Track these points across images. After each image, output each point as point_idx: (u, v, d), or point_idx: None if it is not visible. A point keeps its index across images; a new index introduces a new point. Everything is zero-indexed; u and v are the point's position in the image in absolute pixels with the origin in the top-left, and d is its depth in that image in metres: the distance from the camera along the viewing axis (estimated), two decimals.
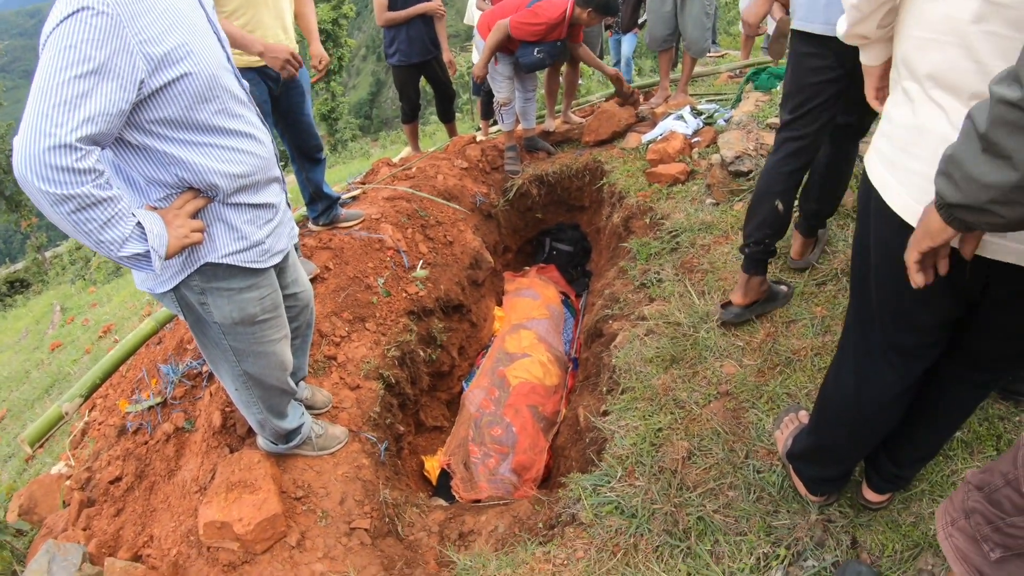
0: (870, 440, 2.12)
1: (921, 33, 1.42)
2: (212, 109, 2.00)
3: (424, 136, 14.76)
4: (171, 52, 1.82)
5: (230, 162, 2.09)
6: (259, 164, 2.21)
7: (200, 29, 1.98)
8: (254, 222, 2.23)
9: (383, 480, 3.28)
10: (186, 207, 2.01)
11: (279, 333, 2.51)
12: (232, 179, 2.10)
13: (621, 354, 3.40)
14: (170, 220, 1.95)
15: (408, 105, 6.77)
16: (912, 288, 1.50)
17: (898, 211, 1.53)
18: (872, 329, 1.85)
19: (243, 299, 2.28)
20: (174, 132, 1.94)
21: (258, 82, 3.63)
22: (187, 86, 1.89)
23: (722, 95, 6.53)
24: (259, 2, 3.50)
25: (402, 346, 4.08)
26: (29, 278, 22.28)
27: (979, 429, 2.46)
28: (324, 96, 28.18)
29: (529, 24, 5.11)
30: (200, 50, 1.92)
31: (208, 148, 2.03)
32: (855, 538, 2.29)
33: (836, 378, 2.08)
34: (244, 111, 2.17)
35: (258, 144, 2.21)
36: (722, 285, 3.53)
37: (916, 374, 1.85)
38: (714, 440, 2.73)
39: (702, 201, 4.44)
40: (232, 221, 2.16)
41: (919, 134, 1.46)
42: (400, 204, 5.06)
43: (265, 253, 2.29)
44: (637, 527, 2.52)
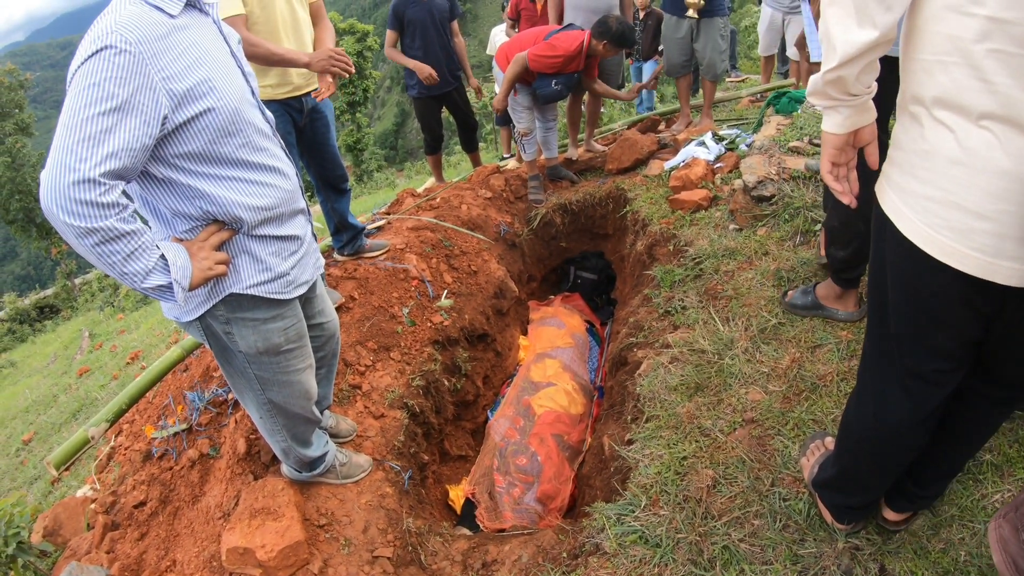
0: (894, 467, 2.08)
1: (926, 56, 1.42)
2: (236, 143, 2.05)
3: (449, 166, 14.89)
4: (194, 88, 1.88)
5: (254, 195, 2.13)
6: (283, 197, 2.24)
7: (223, 64, 2.03)
8: (279, 254, 2.27)
9: (407, 509, 3.27)
10: (211, 239, 2.06)
11: (304, 363, 2.53)
12: (256, 212, 2.14)
13: (645, 382, 3.38)
14: (195, 252, 1.99)
15: (431, 136, 6.84)
16: (929, 313, 1.54)
17: (911, 238, 1.52)
18: (890, 355, 1.83)
19: (268, 329, 2.30)
20: (198, 166, 1.99)
21: (282, 114, 3.68)
22: (210, 121, 1.94)
23: (744, 120, 6.53)
24: (278, 27, 3.55)
25: (427, 375, 4.09)
26: (59, 304, 22.68)
27: (1009, 452, 2.41)
28: (350, 127, 28.56)
29: (547, 57, 5.16)
30: (223, 85, 1.98)
31: (232, 182, 2.07)
32: (883, 566, 2.24)
33: (857, 405, 2.05)
34: (268, 144, 2.21)
35: (282, 177, 2.25)
36: (746, 311, 3.50)
37: (936, 401, 1.82)
38: (739, 468, 2.69)
39: (725, 227, 4.42)
40: (257, 253, 2.20)
41: (927, 158, 1.46)
42: (425, 234, 5.10)
43: (290, 284, 2.32)
44: (662, 556, 2.49)
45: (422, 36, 6.04)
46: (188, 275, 1.93)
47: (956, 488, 2.35)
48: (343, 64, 3.43)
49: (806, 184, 4.25)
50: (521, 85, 5.51)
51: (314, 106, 3.88)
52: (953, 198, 1.40)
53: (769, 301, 3.53)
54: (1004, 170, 1.31)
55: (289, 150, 3.74)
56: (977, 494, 2.33)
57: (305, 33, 3.75)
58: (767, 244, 4.01)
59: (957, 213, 1.40)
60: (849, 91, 1.55)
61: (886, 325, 1.80)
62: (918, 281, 1.56)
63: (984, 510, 2.27)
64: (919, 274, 1.53)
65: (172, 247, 1.92)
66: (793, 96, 5.65)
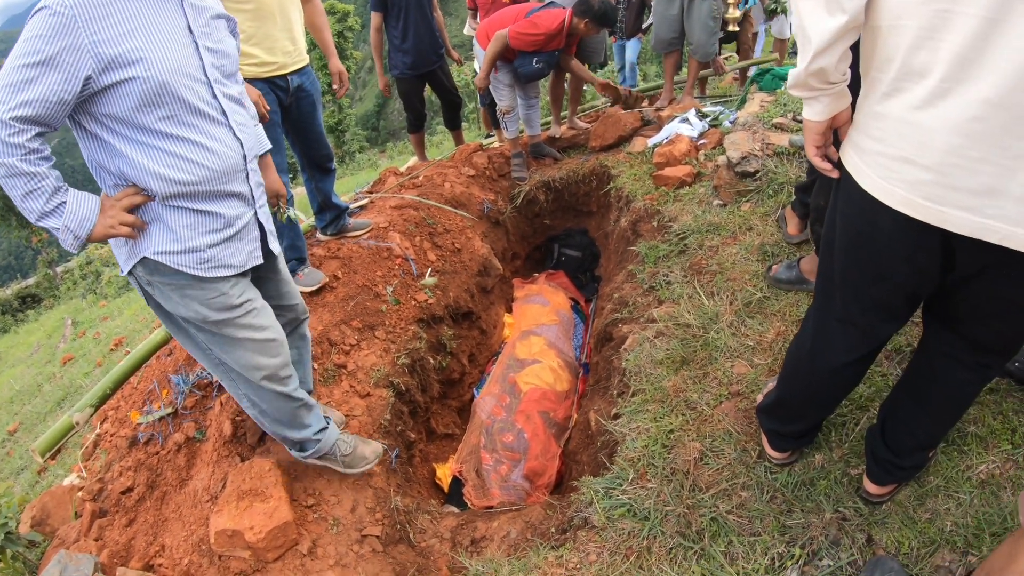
0: (824, 401, 2.27)
1: (880, 23, 1.50)
2: (158, 115, 2.09)
3: (431, 146, 14.81)
4: (122, 55, 1.97)
5: (170, 167, 2.15)
6: (207, 175, 2.23)
7: (166, 37, 2.08)
8: (194, 228, 2.26)
9: (394, 487, 3.27)
10: (123, 200, 2.12)
11: (246, 333, 2.48)
12: (169, 183, 2.15)
13: (631, 357, 3.38)
14: (105, 208, 2.09)
15: (413, 115, 6.79)
16: (871, 264, 1.72)
17: (868, 189, 1.63)
18: (833, 297, 1.96)
19: (188, 296, 2.32)
20: (120, 127, 2.07)
21: (267, 92, 3.64)
22: (133, 89, 2.01)
23: (727, 97, 6.52)
24: (267, 15, 3.51)
25: (412, 354, 4.08)
26: (40, 293, 22.42)
27: (993, 423, 2.43)
28: (331, 108, 28.28)
29: (528, 34, 5.12)
30: (156, 57, 2.03)
31: (149, 149, 2.11)
32: (870, 536, 2.26)
33: (798, 340, 2.21)
34: (200, 122, 2.21)
35: (210, 155, 2.23)
36: (731, 286, 3.51)
37: (867, 349, 1.99)
38: (726, 440, 2.71)
39: (709, 203, 4.42)
40: (169, 222, 2.22)
41: (880, 118, 1.57)
42: (408, 212, 5.07)
43: (206, 262, 2.30)
44: (650, 529, 2.50)
45: (406, 16, 5.97)
46: (88, 227, 2.05)
47: (941, 459, 2.37)
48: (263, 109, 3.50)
49: (790, 160, 4.25)
50: (502, 63, 5.46)
51: (300, 84, 3.84)
52: (904, 154, 1.51)
53: (754, 275, 3.54)
54: (950, 127, 1.39)
55: (273, 129, 3.73)
56: (962, 465, 2.35)
57: (292, 10, 3.71)
58: (751, 219, 4.02)
59: (909, 167, 1.50)
60: (829, 80, 1.62)
61: (831, 273, 1.93)
62: (866, 229, 1.70)
63: (969, 481, 2.29)
64: (869, 226, 1.67)
65: (84, 199, 2.05)
66: (776, 73, 5.65)
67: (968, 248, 1.54)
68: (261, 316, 2.52)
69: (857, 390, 2.71)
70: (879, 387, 2.69)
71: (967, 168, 1.41)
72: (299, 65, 3.80)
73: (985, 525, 2.16)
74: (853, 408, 2.65)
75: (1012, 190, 1.38)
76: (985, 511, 2.19)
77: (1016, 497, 2.19)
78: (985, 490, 2.25)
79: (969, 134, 1.38)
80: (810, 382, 2.18)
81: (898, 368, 2.75)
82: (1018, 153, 1.34)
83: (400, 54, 6.16)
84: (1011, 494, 2.21)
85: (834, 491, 2.41)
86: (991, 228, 1.44)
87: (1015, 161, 1.35)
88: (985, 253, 1.52)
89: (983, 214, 1.44)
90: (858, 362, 2.03)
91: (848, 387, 2.21)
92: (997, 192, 1.40)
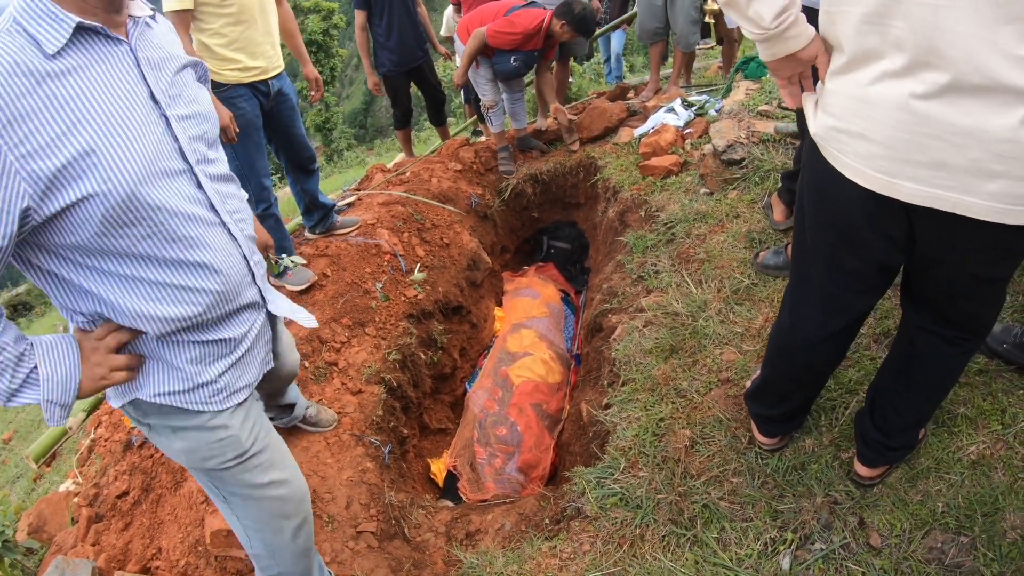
0: (807, 379, 2.28)
1: (830, 7, 1.56)
2: (134, 235, 1.49)
3: (419, 142, 14.77)
4: (67, 167, 1.35)
5: (163, 302, 1.60)
6: (212, 300, 1.68)
7: (122, 120, 1.45)
8: (202, 360, 1.73)
9: (388, 483, 3.27)
10: (108, 340, 1.59)
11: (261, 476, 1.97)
12: (164, 323, 1.61)
13: (620, 346, 3.39)
14: (87, 353, 1.57)
15: (400, 111, 6.78)
16: (838, 231, 1.78)
17: (826, 156, 1.70)
18: (807, 271, 2.00)
19: (192, 438, 1.80)
20: (85, 258, 1.49)
21: (250, 97, 3.65)
22: (91, 211, 1.40)
23: (713, 86, 6.53)
24: (249, 19, 3.52)
25: (403, 349, 4.08)
26: (32, 301, 22.29)
27: (983, 404, 2.45)
28: (318, 107, 28.17)
29: (505, 33, 5.11)
30: (114, 157, 1.41)
31: (130, 283, 1.55)
32: (862, 519, 2.28)
33: (778, 318, 2.24)
34: (190, 230, 1.60)
35: (211, 275, 1.66)
36: (719, 273, 3.52)
37: (845, 322, 2.01)
38: (716, 427, 2.72)
39: (696, 191, 4.43)
40: (169, 359, 1.69)
41: (835, 95, 1.62)
42: (395, 209, 5.07)
43: (219, 393, 1.79)
44: (643, 518, 2.51)
45: (390, 12, 5.95)
46: (73, 387, 1.52)
47: (931, 441, 2.39)
48: (230, 135, 3.49)
49: (775, 147, 4.26)
50: (482, 57, 5.45)
51: (280, 88, 3.85)
52: (856, 129, 1.56)
53: (741, 263, 3.55)
54: (896, 103, 1.46)
55: (256, 134, 3.73)
56: (952, 446, 2.36)
57: (271, 15, 3.73)
58: (738, 207, 4.03)
59: (861, 142, 1.56)
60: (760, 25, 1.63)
61: (804, 247, 1.97)
62: (831, 200, 1.76)
63: (960, 462, 2.31)
64: (832, 194, 1.73)
65: (59, 356, 1.52)
66: (761, 61, 5.65)
67: (924, 219, 1.61)
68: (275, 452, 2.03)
69: (846, 374, 2.73)
70: (868, 371, 2.70)
71: (917, 144, 1.46)
72: (279, 70, 3.84)
73: (977, 505, 2.17)
74: (842, 392, 2.66)
75: (960, 164, 1.43)
76: (976, 491, 2.21)
77: (1008, 477, 2.21)
78: (976, 470, 2.27)
79: (918, 112, 1.43)
80: (792, 360, 2.20)
81: (886, 351, 2.76)
82: (966, 130, 1.39)
83: (386, 52, 6.15)
84: (1002, 474, 2.23)
85: (825, 475, 2.42)
86: (942, 197, 1.49)
87: (964, 138, 1.40)
88: (943, 227, 1.58)
89: (933, 184, 1.49)
90: (837, 336, 2.04)
91: (830, 363, 2.22)
92: (947, 166, 1.45)
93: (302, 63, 4.37)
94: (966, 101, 1.37)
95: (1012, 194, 1.42)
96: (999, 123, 1.35)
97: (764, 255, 3.45)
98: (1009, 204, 1.44)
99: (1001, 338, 2.54)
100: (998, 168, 1.40)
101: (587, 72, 12.69)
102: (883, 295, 1.98)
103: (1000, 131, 1.35)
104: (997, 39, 1.28)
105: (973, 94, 1.35)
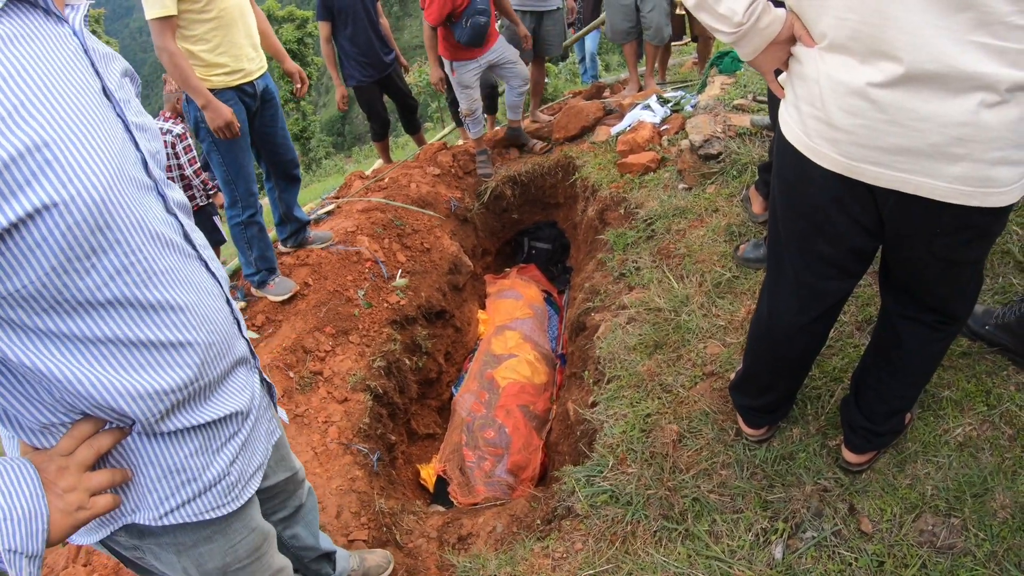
0: (788, 368, 2.28)
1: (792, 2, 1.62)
2: (108, 267, 1.05)
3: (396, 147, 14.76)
4: (11, 165, 0.90)
5: (150, 367, 1.15)
6: (204, 358, 1.25)
7: (81, 110, 1.02)
8: (206, 450, 1.31)
9: (378, 490, 3.26)
10: (79, 454, 1.11)
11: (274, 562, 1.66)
12: (156, 400, 1.16)
13: (604, 344, 3.39)
14: (52, 478, 1.08)
15: (378, 123, 6.76)
16: (808, 217, 1.81)
17: (793, 143, 1.72)
18: (782, 260, 2.02)
19: (199, 553, 1.41)
20: (35, 316, 1.00)
21: (236, 102, 3.64)
22: (46, 233, 0.94)
23: (688, 82, 6.55)
24: (230, 23, 3.53)
25: (387, 356, 4.06)
26: None
27: (968, 386, 2.46)
28: (295, 116, 28.11)
29: (430, 4, 5.04)
30: (75, 155, 0.97)
31: (103, 347, 1.09)
32: (852, 505, 2.29)
33: (757, 307, 2.26)
34: (169, 262, 1.18)
35: (201, 325, 1.24)
36: (700, 268, 3.53)
37: (821, 309, 2.02)
38: (703, 421, 2.72)
39: (674, 187, 4.45)
40: (171, 461, 1.26)
41: (803, 80, 1.65)
42: (375, 215, 5.05)
43: (233, 488, 1.39)
44: (633, 514, 2.51)
45: (354, 22, 5.91)
46: (40, 527, 1.02)
47: (917, 425, 2.40)
48: (226, 134, 3.54)
49: (752, 140, 4.28)
50: (457, 62, 5.40)
51: (266, 87, 3.86)
52: (821, 114, 1.60)
53: (722, 256, 3.56)
54: (855, 90, 1.50)
55: (244, 138, 3.72)
56: (939, 429, 2.38)
57: (250, 17, 3.74)
58: (716, 201, 4.04)
59: (826, 127, 1.61)
60: (733, 22, 1.64)
61: (778, 235, 1.98)
62: (800, 187, 1.79)
63: (947, 444, 2.32)
64: (801, 180, 1.76)
65: (13, 484, 1.02)
66: (735, 55, 5.67)
67: (890, 202, 1.63)
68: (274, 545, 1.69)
69: (830, 362, 2.74)
70: (852, 358, 2.71)
71: (877, 130, 1.50)
72: (263, 70, 3.85)
73: (966, 487, 2.19)
74: (828, 380, 2.67)
75: (922, 148, 1.47)
76: (965, 473, 2.22)
77: (995, 457, 2.23)
78: (963, 452, 2.28)
79: (876, 100, 1.47)
80: (772, 349, 2.21)
81: (869, 338, 2.78)
82: (924, 116, 1.42)
83: (353, 63, 6.11)
84: (989, 454, 2.25)
85: (813, 463, 2.43)
86: (905, 180, 1.53)
87: (923, 123, 1.43)
88: (908, 209, 1.61)
89: (896, 168, 1.53)
90: (815, 323, 2.06)
91: (809, 351, 2.23)
92: (908, 151, 1.49)
93: (281, 60, 4.34)
94: (923, 88, 1.40)
95: (975, 176, 1.46)
96: (957, 108, 1.39)
97: (744, 248, 3.46)
98: (972, 187, 1.47)
99: (983, 320, 2.56)
100: (959, 151, 1.43)
101: (563, 72, 12.73)
102: (859, 281, 1.99)
103: (959, 115, 1.39)
104: (951, 26, 1.31)
105: (929, 81, 1.38)
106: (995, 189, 1.48)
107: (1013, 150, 1.43)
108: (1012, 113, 1.37)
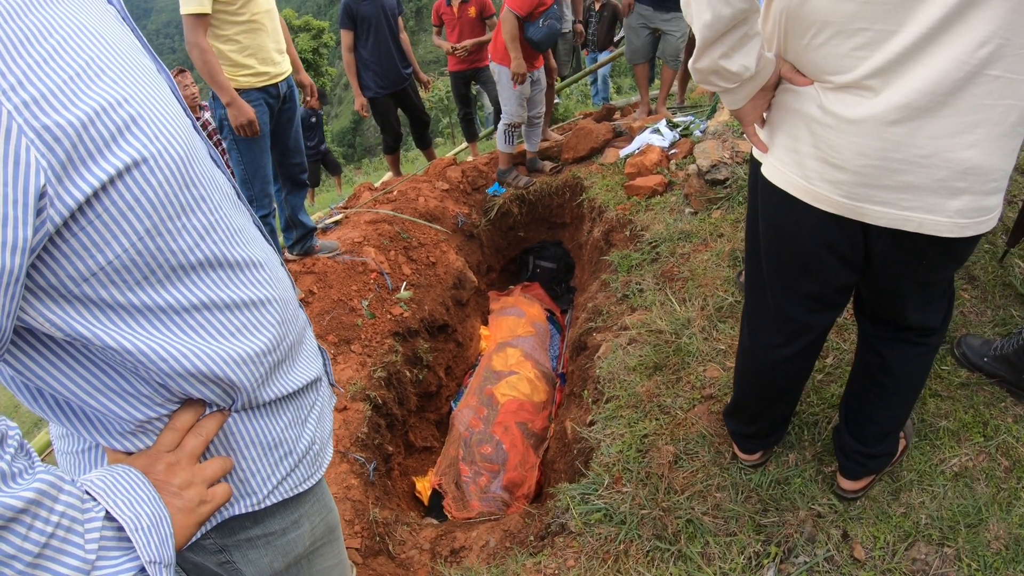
0: (775, 398, 2.28)
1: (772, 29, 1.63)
2: (199, 225, 0.96)
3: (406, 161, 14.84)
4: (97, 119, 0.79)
5: (243, 331, 1.06)
6: (283, 313, 1.16)
7: (141, 66, 0.93)
8: (297, 419, 1.23)
9: (373, 500, 3.26)
10: (187, 445, 1.01)
11: (333, 559, 1.50)
12: (259, 360, 1.08)
13: (605, 364, 3.40)
14: (162, 479, 0.96)
15: (392, 137, 6.83)
16: (797, 260, 1.79)
17: (778, 184, 1.69)
18: (764, 295, 2.01)
19: (287, 541, 1.30)
20: (132, 294, 0.89)
21: (261, 103, 3.72)
22: (138, 193, 0.84)
23: (698, 107, 6.59)
24: (260, 27, 3.64)
25: (388, 367, 4.08)
26: None
27: (964, 417, 2.48)
28: None
29: None
30: (155, 108, 0.89)
31: (199, 316, 0.99)
32: (846, 532, 2.29)
33: (740, 338, 2.27)
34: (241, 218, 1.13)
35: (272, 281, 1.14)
36: (702, 292, 3.55)
37: (805, 341, 2.02)
38: (700, 443, 2.73)
39: (680, 211, 4.47)
40: (271, 435, 1.17)
41: (788, 114, 1.64)
42: (382, 227, 5.08)
43: (319, 455, 1.31)
44: (627, 533, 2.51)
45: (375, 33, 6.00)
46: (168, 535, 0.90)
47: (913, 454, 2.41)
48: (246, 132, 3.65)
49: None
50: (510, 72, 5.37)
51: (289, 89, 3.94)
52: (822, 154, 1.56)
53: (725, 281, 3.57)
54: (862, 130, 1.47)
55: (264, 140, 3.81)
56: (935, 459, 2.39)
57: (277, 22, 3.88)
58: (721, 226, 4.06)
59: (827, 167, 1.56)
60: (737, 77, 1.57)
61: (759, 268, 1.98)
62: (788, 231, 1.76)
63: (943, 474, 2.33)
64: (792, 223, 1.73)
65: (119, 483, 0.88)
66: None
67: (883, 238, 1.63)
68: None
69: (828, 389, 2.75)
70: None
71: (888, 168, 1.48)
72: (287, 73, 3.96)
73: (960, 517, 2.19)
74: (825, 407, 2.68)
75: (929, 185, 1.46)
76: (960, 503, 2.23)
77: (991, 488, 2.23)
78: (959, 482, 2.29)
79: (888, 139, 1.44)
80: (758, 380, 2.22)
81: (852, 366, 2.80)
82: (932, 152, 1.42)
83: (371, 74, 6.19)
84: (985, 485, 2.26)
85: (808, 489, 2.43)
86: (907, 218, 1.52)
87: (930, 159, 1.43)
88: (901, 244, 1.62)
89: (899, 207, 1.52)
90: (800, 355, 2.06)
91: (797, 381, 2.24)
92: (915, 187, 1.47)
93: (296, 70, 4.42)
94: (930, 122, 1.40)
95: (973, 208, 1.47)
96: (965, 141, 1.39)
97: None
98: (968, 218, 1.48)
99: (982, 351, 2.57)
100: (961, 185, 1.44)
101: (574, 93, 12.79)
102: (843, 311, 2.00)
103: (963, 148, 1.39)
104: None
105: (936, 114, 1.38)
106: (986, 217, 1.50)
107: (1004, 178, 1.46)
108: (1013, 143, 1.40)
